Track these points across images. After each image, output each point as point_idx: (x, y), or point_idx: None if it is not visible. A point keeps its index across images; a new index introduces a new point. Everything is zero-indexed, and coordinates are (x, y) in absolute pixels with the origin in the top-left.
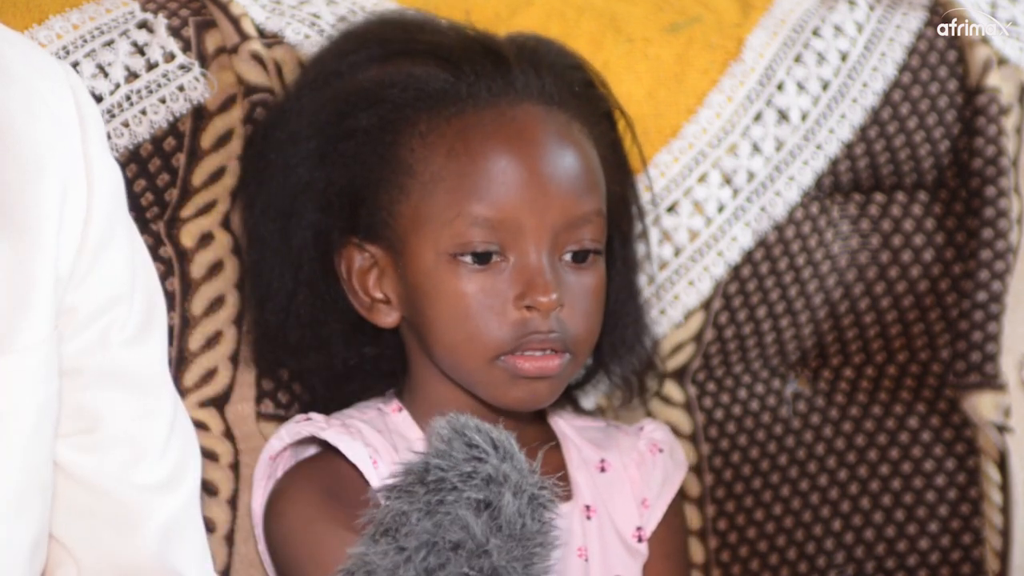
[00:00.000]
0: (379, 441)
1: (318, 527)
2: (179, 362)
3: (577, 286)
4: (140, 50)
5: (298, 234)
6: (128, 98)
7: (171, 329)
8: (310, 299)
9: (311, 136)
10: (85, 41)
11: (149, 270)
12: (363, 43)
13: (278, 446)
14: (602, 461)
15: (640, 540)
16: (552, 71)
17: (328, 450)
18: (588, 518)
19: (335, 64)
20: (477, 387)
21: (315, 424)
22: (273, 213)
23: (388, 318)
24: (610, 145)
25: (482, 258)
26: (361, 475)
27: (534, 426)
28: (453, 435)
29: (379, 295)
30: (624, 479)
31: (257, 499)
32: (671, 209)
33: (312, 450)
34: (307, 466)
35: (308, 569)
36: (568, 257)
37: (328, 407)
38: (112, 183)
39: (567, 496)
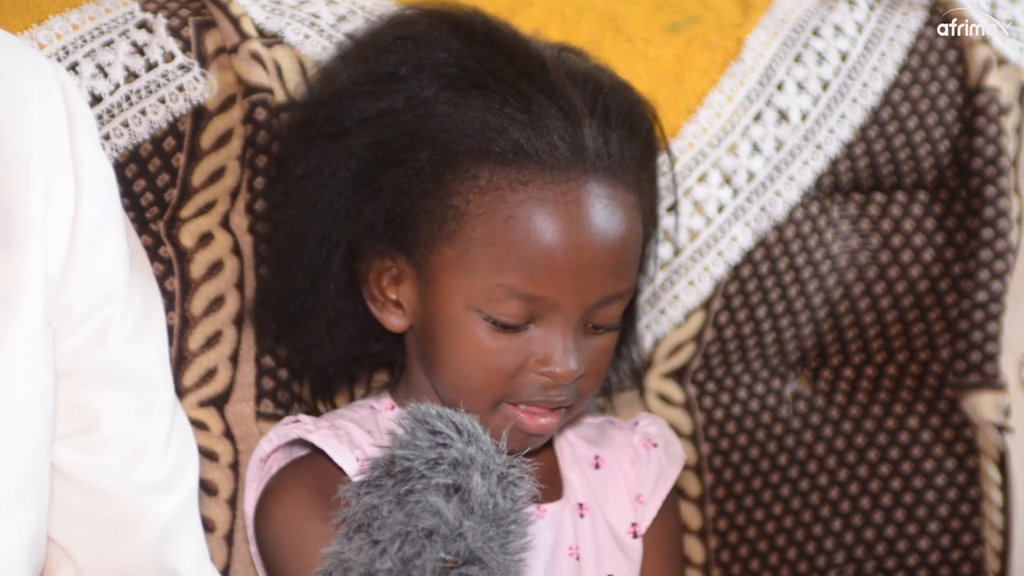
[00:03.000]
0: (367, 442)
1: (306, 527)
2: (179, 362)
3: (593, 349)
4: (140, 50)
5: (332, 241)
6: (128, 98)
7: (171, 329)
8: (332, 297)
9: (364, 154)
10: (85, 41)
11: (146, 268)
12: (435, 47)
13: (267, 448)
14: (596, 458)
15: (635, 536)
16: (621, 128)
17: (318, 450)
18: (581, 516)
19: (399, 65)
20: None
21: (303, 427)
22: (309, 216)
23: (398, 322)
24: (651, 208)
25: (510, 327)
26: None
27: None
28: (416, 424)
29: (392, 297)
30: (618, 475)
31: (249, 500)
32: (671, 209)
33: (304, 451)
34: (297, 466)
35: (295, 568)
36: (590, 326)
37: (322, 394)
38: (103, 181)
39: (558, 494)
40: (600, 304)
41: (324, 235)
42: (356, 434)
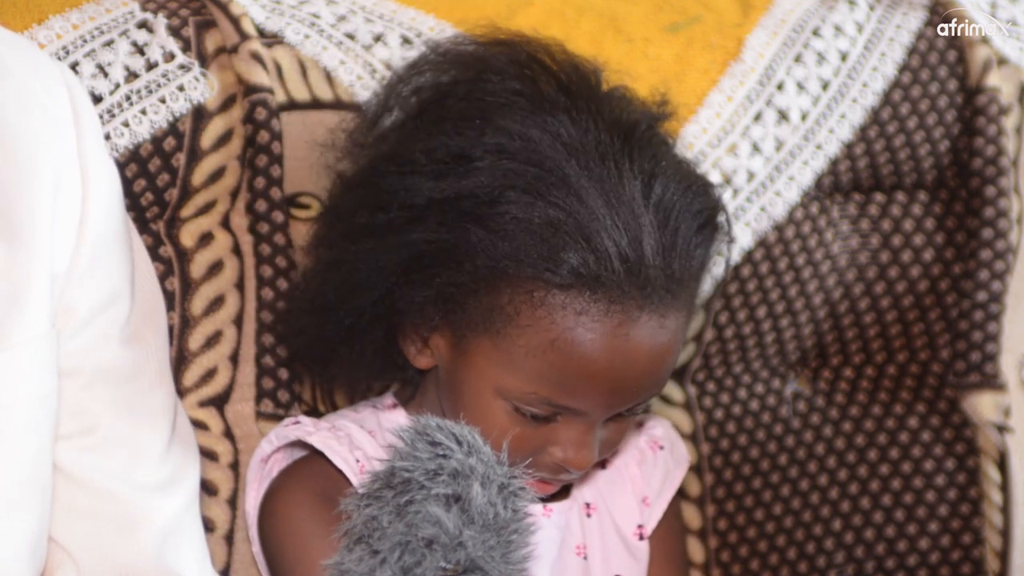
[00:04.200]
0: (368, 443)
1: (308, 528)
2: (179, 362)
3: (614, 430)
4: (140, 50)
5: (374, 311)
6: (128, 98)
7: (171, 329)
8: (367, 354)
9: (423, 248)
10: (85, 41)
11: (148, 269)
12: (511, 135)
13: (268, 449)
14: (603, 459)
15: (641, 538)
16: (686, 246)
17: (319, 451)
18: (588, 516)
19: (472, 147)
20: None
21: (303, 428)
22: (358, 286)
23: (424, 361)
24: (697, 299)
25: (536, 418)
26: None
27: None
28: (415, 436)
29: (424, 334)
30: (625, 477)
31: (250, 500)
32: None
33: (305, 451)
34: (301, 467)
35: (299, 569)
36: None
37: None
38: (109, 182)
39: (565, 494)
40: (629, 408)
41: (367, 305)
42: (357, 435)
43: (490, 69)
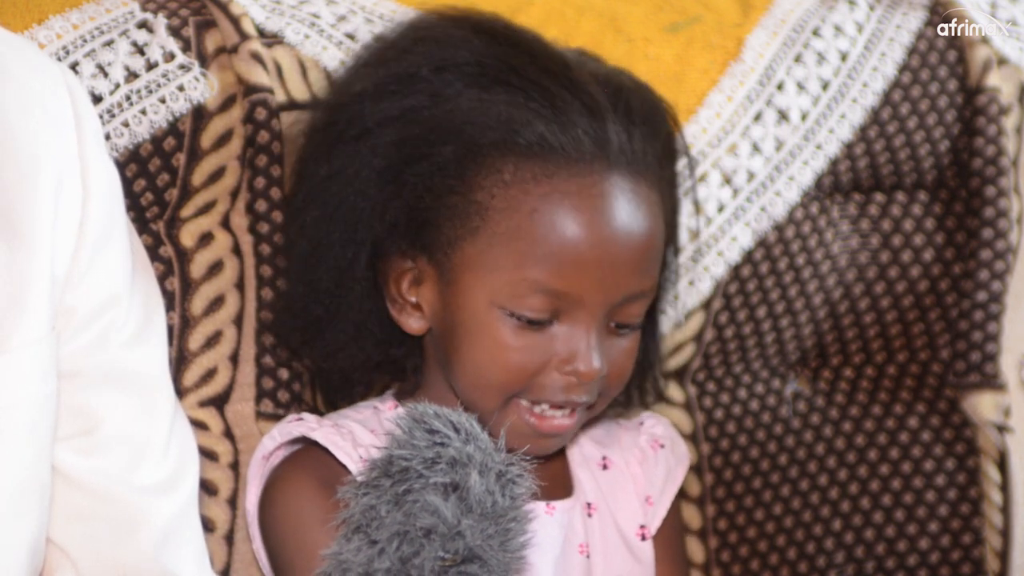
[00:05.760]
0: (371, 441)
1: (309, 516)
2: (179, 362)
3: (617, 349)
4: (140, 50)
5: (357, 242)
6: (128, 98)
7: (171, 329)
8: (358, 298)
9: (388, 152)
10: (85, 41)
11: (147, 270)
12: (457, 47)
13: (271, 446)
14: (604, 458)
15: (644, 538)
16: (643, 126)
17: (321, 447)
18: (590, 515)
19: (421, 66)
20: (488, 425)
21: (306, 424)
22: (334, 217)
23: (416, 324)
24: (672, 213)
25: (534, 323)
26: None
27: None
28: (413, 424)
29: (412, 299)
30: (627, 476)
31: (251, 497)
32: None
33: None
34: (302, 456)
35: (296, 561)
36: (614, 325)
37: (335, 401)
38: (109, 183)
39: (567, 492)
40: (624, 302)
41: (349, 236)
42: (359, 433)
43: (427, 14)
